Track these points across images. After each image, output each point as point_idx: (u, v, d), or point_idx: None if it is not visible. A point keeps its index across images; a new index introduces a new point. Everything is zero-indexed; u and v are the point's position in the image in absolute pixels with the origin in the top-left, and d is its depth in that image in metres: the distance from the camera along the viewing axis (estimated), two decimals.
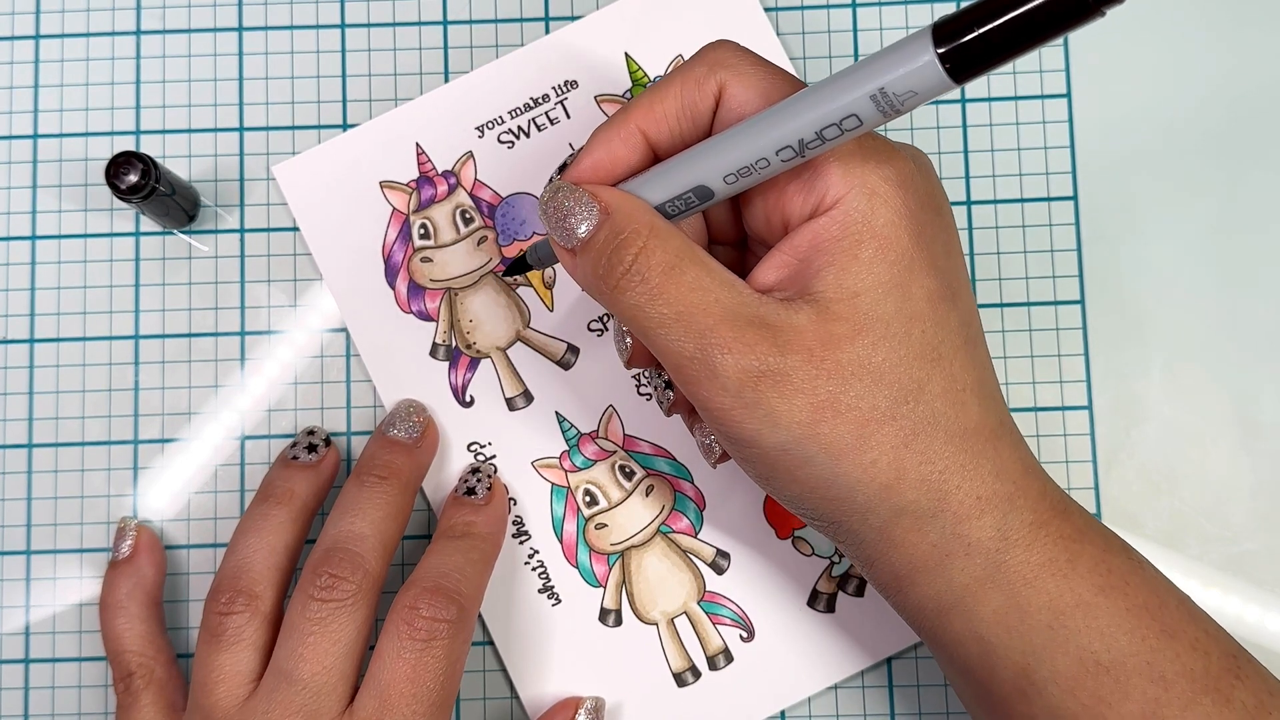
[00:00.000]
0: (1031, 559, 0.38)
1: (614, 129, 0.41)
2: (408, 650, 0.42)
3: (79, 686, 0.50)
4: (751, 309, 0.38)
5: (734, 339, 0.37)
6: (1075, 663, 0.38)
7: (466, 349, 0.50)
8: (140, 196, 0.46)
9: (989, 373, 0.40)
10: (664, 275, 0.38)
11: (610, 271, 0.39)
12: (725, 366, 0.37)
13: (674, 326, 0.38)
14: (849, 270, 0.37)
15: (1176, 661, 0.38)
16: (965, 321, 0.39)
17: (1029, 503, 0.39)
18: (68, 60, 0.52)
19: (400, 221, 0.50)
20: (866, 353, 0.37)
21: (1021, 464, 0.39)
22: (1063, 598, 0.38)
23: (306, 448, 0.48)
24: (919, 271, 0.38)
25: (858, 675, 0.49)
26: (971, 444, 0.38)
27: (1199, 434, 0.50)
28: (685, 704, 0.49)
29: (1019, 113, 0.51)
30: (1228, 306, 0.51)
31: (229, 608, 0.44)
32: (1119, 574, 0.38)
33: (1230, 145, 0.51)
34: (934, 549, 0.39)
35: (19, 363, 0.51)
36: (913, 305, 0.38)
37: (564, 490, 0.50)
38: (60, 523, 0.50)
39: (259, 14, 0.52)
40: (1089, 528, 0.39)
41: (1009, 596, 0.38)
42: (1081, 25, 0.29)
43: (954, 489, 0.38)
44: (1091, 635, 0.38)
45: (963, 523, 0.38)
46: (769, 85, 0.39)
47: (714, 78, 0.39)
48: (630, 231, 0.39)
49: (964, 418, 0.38)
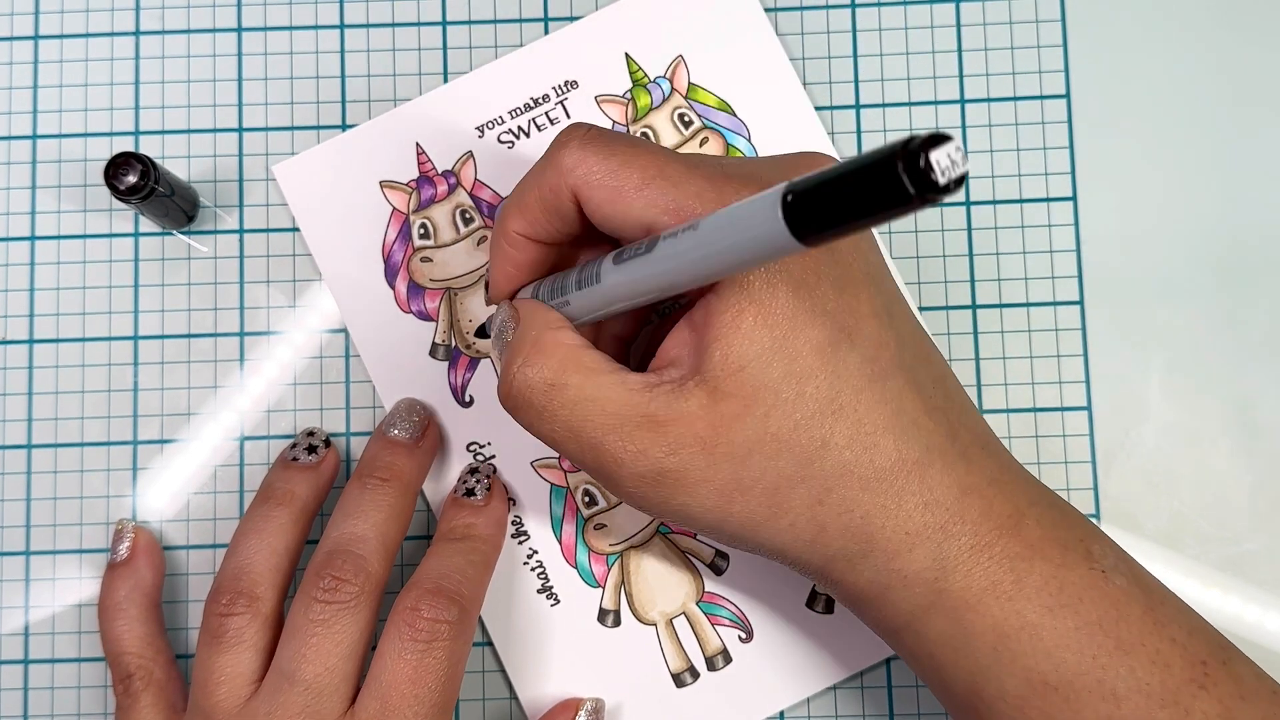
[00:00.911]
0: (973, 584, 0.38)
1: (498, 241, 0.43)
2: (409, 652, 0.42)
3: (78, 687, 0.50)
4: (640, 408, 0.38)
5: (622, 448, 0.38)
6: (1023, 683, 0.38)
7: (466, 349, 0.50)
8: (139, 197, 0.46)
9: (909, 400, 0.39)
10: (546, 396, 0.39)
11: (502, 393, 0.40)
12: (625, 477, 0.38)
13: (567, 445, 0.39)
14: (733, 344, 0.37)
15: (1130, 677, 0.37)
16: (869, 358, 0.38)
17: (967, 527, 0.38)
18: (67, 61, 0.52)
19: (400, 221, 0.50)
20: (760, 425, 0.37)
21: (958, 487, 0.39)
22: (1007, 621, 0.38)
23: (307, 449, 0.48)
24: (802, 325, 0.38)
25: (856, 676, 0.49)
26: (891, 483, 0.38)
27: (1198, 434, 0.50)
28: (683, 704, 0.49)
29: (1018, 113, 0.51)
30: (1228, 307, 0.50)
31: (230, 609, 0.44)
32: (1072, 590, 0.38)
33: (1231, 144, 0.51)
34: (871, 585, 0.39)
35: (18, 363, 0.51)
36: (801, 364, 0.38)
37: (563, 490, 0.50)
38: (59, 524, 0.50)
39: (258, 15, 0.52)
40: (1045, 541, 0.39)
41: (953, 621, 0.38)
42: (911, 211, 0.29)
43: (878, 529, 0.38)
44: (1038, 656, 0.38)
45: (895, 559, 0.38)
46: (616, 184, 0.39)
47: (564, 185, 0.40)
48: (516, 344, 0.40)
49: (878, 459, 0.38)
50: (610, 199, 0.39)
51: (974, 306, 0.51)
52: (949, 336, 0.50)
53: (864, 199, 0.29)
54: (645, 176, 0.39)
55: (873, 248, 0.41)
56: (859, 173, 0.29)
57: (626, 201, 0.39)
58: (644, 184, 0.39)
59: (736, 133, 0.51)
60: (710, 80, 0.51)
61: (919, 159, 0.28)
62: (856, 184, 0.30)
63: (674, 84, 0.51)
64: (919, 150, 0.28)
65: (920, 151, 0.28)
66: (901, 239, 0.51)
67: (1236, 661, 0.39)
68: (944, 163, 0.28)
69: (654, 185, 0.38)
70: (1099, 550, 0.39)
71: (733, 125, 0.51)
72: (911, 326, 0.41)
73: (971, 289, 0.51)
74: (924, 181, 0.28)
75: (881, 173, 0.29)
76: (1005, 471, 0.40)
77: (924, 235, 0.51)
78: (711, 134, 0.51)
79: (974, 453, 0.39)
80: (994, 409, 0.50)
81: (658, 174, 0.39)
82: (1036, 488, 0.40)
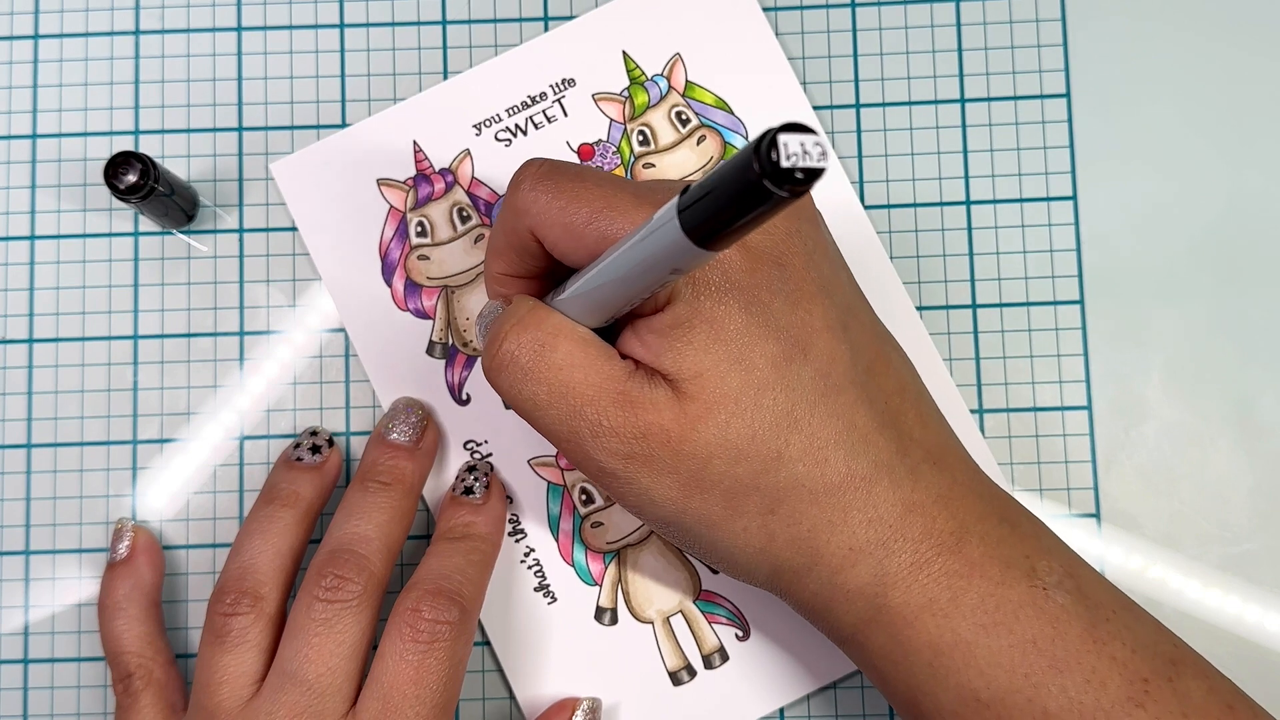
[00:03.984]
0: (911, 600, 0.39)
1: (489, 282, 0.44)
2: (410, 653, 0.42)
3: (78, 687, 0.50)
4: (619, 386, 0.39)
5: (600, 421, 0.39)
6: (956, 699, 0.39)
7: (463, 347, 0.50)
8: (139, 196, 0.46)
9: (861, 414, 0.40)
10: (534, 354, 0.40)
11: (487, 356, 0.41)
12: (596, 450, 0.39)
13: (547, 408, 0.40)
14: (686, 354, 0.38)
15: (1062, 695, 0.38)
16: (822, 372, 0.39)
17: (908, 545, 0.39)
18: (66, 60, 0.52)
19: (397, 219, 0.51)
20: (721, 431, 0.38)
21: (902, 504, 0.39)
22: (942, 637, 0.39)
23: (310, 449, 0.48)
24: (757, 340, 0.38)
25: (856, 675, 0.49)
26: (838, 498, 0.39)
27: (1198, 434, 0.50)
28: (681, 702, 0.49)
29: (1018, 113, 0.51)
30: (1228, 306, 0.50)
31: (233, 609, 0.44)
32: (1009, 608, 0.38)
33: (1231, 144, 0.51)
34: (815, 597, 0.40)
35: (18, 363, 0.51)
36: (758, 376, 0.38)
37: (560, 488, 0.50)
38: (59, 523, 0.50)
39: (258, 14, 0.52)
40: (987, 558, 0.39)
41: (891, 636, 0.39)
42: (778, 206, 0.30)
43: (824, 544, 0.39)
44: (970, 673, 0.38)
45: (838, 573, 0.39)
46: (566, 221, 0.40)
47: (524, 226, 0.41)
48: (505, 316, 0.41)
49: (827, 474, 0.39)
50: (563, 237, 0.40)
51: (974, 306, 0.51)
52: (949, 336, 0.50)
53: (738, 197, 0.30)
54: (593, 210, 0.39)
55: (826, 259, 0.41)
56: (728, 174, 0.30)
57: (578, 237, 0.40)
58: (592, 218, 0.39)
59: (734, 131, 0.51)
60: (708, 78, 0.51)
61: (770, 150, 0.28)
62: (730, 184, 0.30)
63: (672, 82, 0.51)
64: (770, 140, 0.28)
65: (770, 142, 0.28)
66: (901, 239, 0.51)
67: (1186, 678, 0.39)
68: (794, 148, 0.28)
69: (602, 217, 0.39)
70: (1045, 567, 0.40)
71: (730, 123, 0.51)
72: (869, 338, 0.41)
73: (971, 289, 0.51)
74: (778, 172, 0.28)
75: (744, 169, 0.29)
76: (955, 488, 0.40)
77: (924, 235, 0.51)
78: (709, 132, 0.51)
79: (923, 469, 0.40)
80: (994, 409, 0.50)
81: (605, 206, 0.39)
82: (990, 503, 0.41)
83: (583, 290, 0.39)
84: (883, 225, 0.51)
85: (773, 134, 0.28)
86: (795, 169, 0.28)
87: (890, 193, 0.51)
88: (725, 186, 0.30)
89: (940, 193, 0.51)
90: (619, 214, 0.39)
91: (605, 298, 0.39)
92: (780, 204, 0.29)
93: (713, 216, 0.31)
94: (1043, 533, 0.41)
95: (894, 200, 0.51)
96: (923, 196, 0.51)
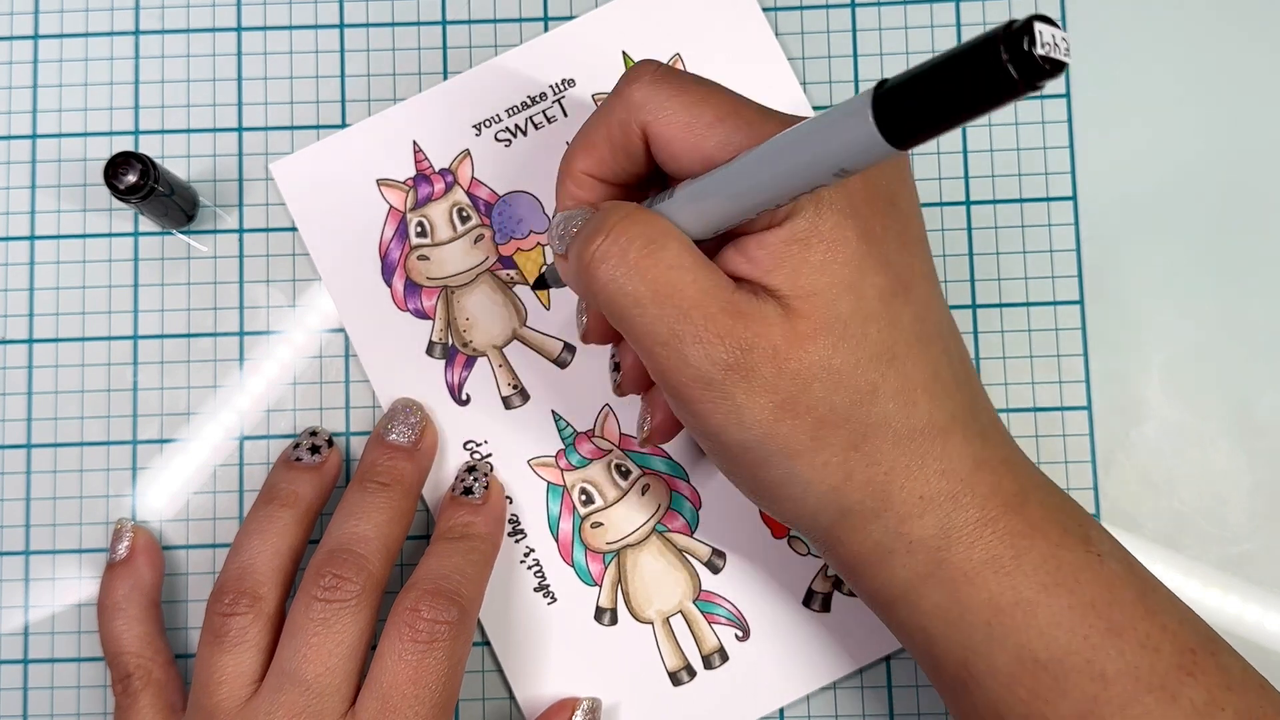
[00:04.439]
0: (974, 556, 0.38)
1: (563, 181, 0.42)
2: (409, 653, 0.42)
3: (78, 687, 0.50)
4: (726, 295, 0.37)
5: (706, 326, 0.37)
6: (1013, 660, 0.38)
7: (463, 347, 0.50)
8: (139, 197, 0.46)
9: (944, 367, 0.39)
10: (643, 251, 0.37)
11: (587, 246, 0.38)
12: (696, 356, 0.37)
13: (649, 306, 0.37)
14: (801, 272, 0.37)
15: (1120, 659, 0.37)
16: (919, 316, 0.39)
17: (976, 500, 0.39)
18: (66, 60, 0.52)
19: (397, 219, 0.51)
20: (826, 354, 0.37)
21: (973, 459, 0.39)
22: (1003, 595, 0.38)
23: (310, 449, 0.48)
24: (870, 270, 0.38)
25: (856, 675, 0.49)
26: (918, 444, 0.39)
27: (1198, 434, 0.50)
28: (680, 703, 0.49)
29: (1019, 113, 0.51)
30: (1227, 306, 0.50)
31: (232, 609, 0.44)
32: (1069, 570, 0.38)
33: (1230, 144, 0.51)
34: (877, 546, 0.39)
35: (17, 363, 0.51)
36: (867, 305, 0.38)
37: (560, 489, 0.50)
38: (59, 523, 0.50)
39: (258, 14, 0.52)
40: (1047, 521, 0.39)
41: (949, 593, 0.39)
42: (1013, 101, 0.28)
43: (897, 489, 0.39)
44: (1030, 633, 0.38)
45: (905, 522, 0.39)
46: (689, 120, 0.38)
47: (634, 121, 0.39)
48: (609, 209, 0.39)
49: (913, 417, 0.38)
50: (682, 135, 0.38)
51: (974, 306, 0.51)
52: None
53: (963, 88, 0.28)
54: (720, 114, 0.38)
55: (921, 213, 0.41)
56: (956, 60, 0.28)
57: (699, 138, 0.38)
58: (718, 120, 0.38)
59: None
60: (708, 78, 0.51)
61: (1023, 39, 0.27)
62: (954, 73, 0.28)
63: None
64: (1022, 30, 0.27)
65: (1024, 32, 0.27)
66: None
67: (1224, 654, 0.39)
68: (1047, 38, 0.27)
69: (729, 123, 0.38)
70: (1096, 536, 0.40)
71: None
72: (944, 300, 0.41)
73: (971, 289, 0.51)
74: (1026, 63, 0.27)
75: (982, 56, 0.27)
76: (1015, 453, 0.40)
77: None
78: None
79: (990, 430, 0.40)
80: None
81: (732, 112, 0.38)
82: (1040, 474, 0.41)
83: (707, 192, 0.38)
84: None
85: (1027, 21, 0.27)
86: (1046, 57, 0.27)
87: None
88: (950, 75, 0.28)
89: (940, 193, 0.51)
90: (746, 123, 0.38)
91: (731, 203, 0.37)
92: (1013, 96, 0.28)
93: (924, 110, 0.29)
94: (1084, 509, 0.41)
95: None
96: (923, 197, 0.51)
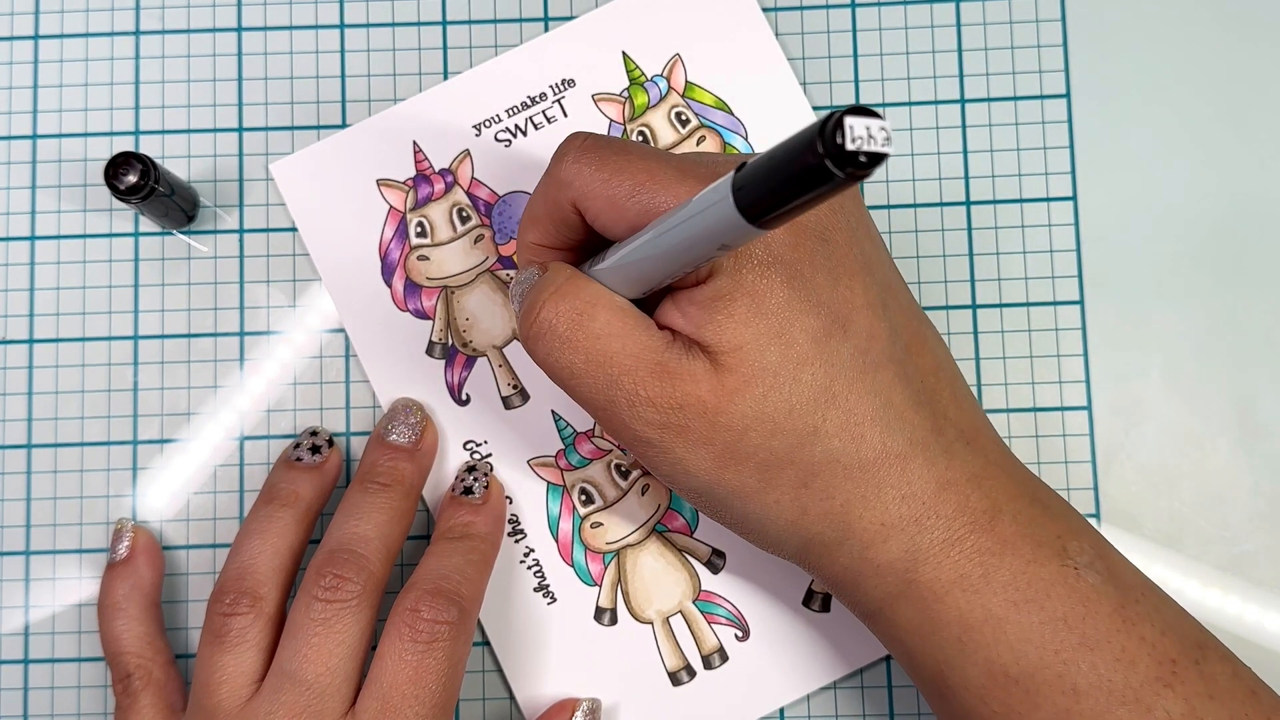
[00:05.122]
0: (941, 576, 0.39)
1: (521, 252, 0.44)
2: (409, 653, 0.42)
3: (78, 687, 0.50)
4: (656, 356, 0.39)
5: (636, 391, 0.39)
6: (984, 673, 0.39)
7: (463, 347, 0.50)
8: (139, 197, 0.46)
9: (898, 392, 0.40)
10: (572, 323, 0.40)
11: (525, 321, 0.41)
12: (631, 419, 0.39)
13: (584, 376, 0.40)
14: (726, 327, 0.38)
15: (1092, 673, 0.38)
16: (861, 349, 0.39)
17: (940, 521, 0.39)
18: (67, 61, 0.52)
19: (397, 219, 0.51)
20: (758, 404, 0.38)
21: (936, 482, 0.39)
22: (972, 613, 0.39)
23: (310, 449, 0.48)
24: (798, 314, 0.38)
25: (856, 675, 0.49)
26: (872, 474, 0.39)
27: (1198, 434, 0.50)
28: (680, 703, 0.49)
29: (1019, 113, 0.51)
30: (1227, 306, 0.50)
31: (233, 609, 0.44)
32: (1040, 585, 0.39)
33: (1230, 144, 0.51)
34: (846, 571, 0.40)
35: (18, 363, 0.51)
36: (797, 350, 0.38)
37: (560, 489, 0.50)
38: (59, 523, 0.50)
39: (258, 14, 0.52)
40: (1019, 537, 0.39)
41: (920, 610, 0.39)
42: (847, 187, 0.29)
43: (856, 519, 0.39)
44: (1000, 648, 0.38)
45: (869, 548, 0.40)
46: (609, 194, 0.40)
47: (563, 199, 0.41)
48: (545, 280, 0.41)
49: (863, 450, 0.39)
50: (605, 209, 0.40)
51: (974, 306, 0.51)
52: (949, 336, 0.50)
53: (797, 178, 0.30)
54: (636, 183, 0.39)
55: (868, 237, 0.41)
56: (789, 152, 0.30)
57: (620, 210, 0.40)
58: (635, 191, 0.39)
59: (734, 131, 0.51)
60: (708, 79, 0.51)
61: (836, 131, 0.28)
62: (789, 164, 0.30)
63: (671, 83, 0.51)
64: (835, 122, 0.28)
65: (836, 124, 0.28)
66: (901, 239, 0.51)
67: (1212, 661, 0.39)
68: (859, 131, 0.28)
69: (645, 191, 0.39)
70: (1075, 548, 0.40)
71: (730, 124, 0.51)
72: (905, 316, 0.41)
73: (971, 289, 0.51)
74: (841, 154, 0.28)
75: (805, 149, 0.29)
76: (989, 467, 0.41)
77: (924, 235, 0.51)
78: (709, 133, 0.51)
79: (957, 448, 0.40)
80: (994, 409, 0.50)
81: (648, 180, 0.39)
82: (1021, 484, 0.41)
83: (624, 261, 0.39)
84: (883, 225, 0.51)
85: (839, 116, 0.28)
86: (860, 152, 0.28)
87: (890, 193, 0.51)
88: (784, 166, 0.30)
89: (940, 193, 0.51)
90: (662, 188, 0.39)
91: (647, 270, 0.39)
92: (840, 186, 0.29)
93: (769, 196, 0.31)
94: (1071, 514, 0.41)
95: (894, 200, 0.51)
96: (923, 197, 0.51)
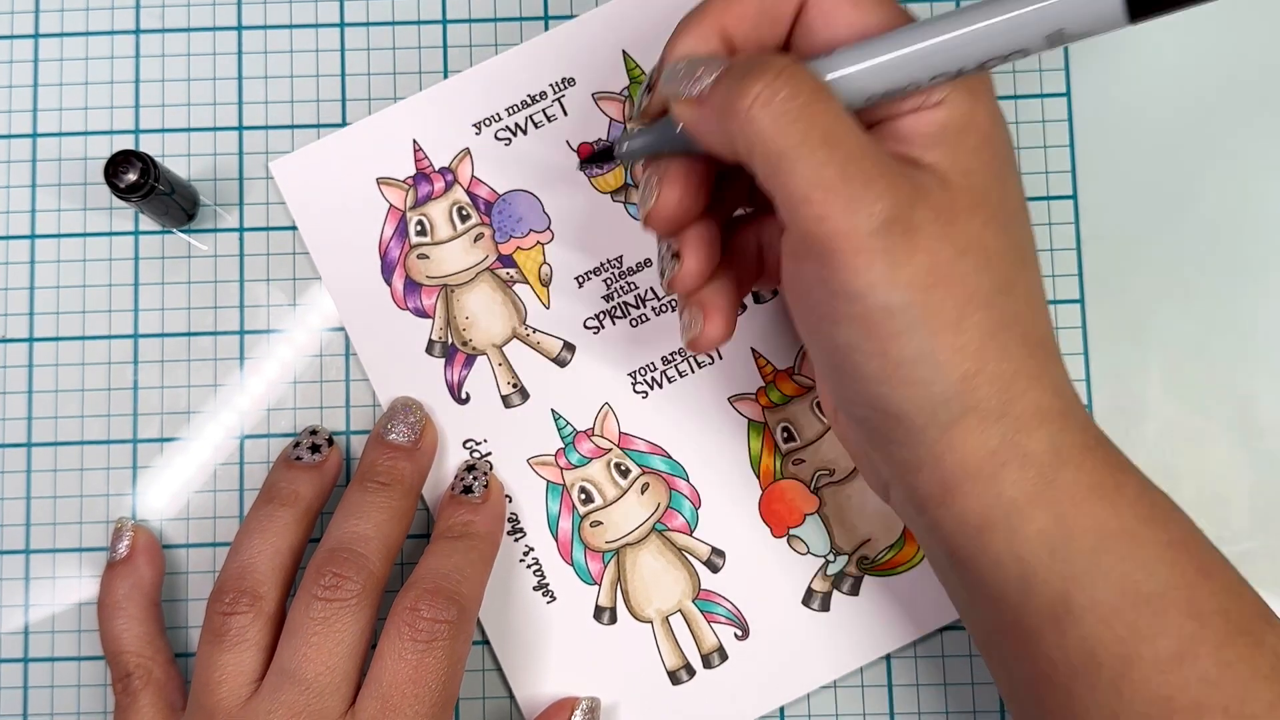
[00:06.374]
0: (1081, 479, 0.37)
1: (693, 26, 0.39)
2: (409, 652, 0.42)
3: (78, 686, 0.50)
4: (888, 155, 0.37)
5: (879, 174, 0.35)
6: (1117, 591, 0.37)
7: (462, 346, 0.50)
8: (139, 195, 0.46)
9: (1043, 295, 0.40)
10: (812, 97, 0.35)
11: (745, 86, 0.36)
12: (865, 201, 0.35)
13: (818, 149, 0.35)
14: (959, 152, 0.37)
15: (1213, 599, 0.37)
16: (1032, 240, 0.39)
17: (1079, 424, 0.38)
18: (67, 59, 0.52)
19: (397, 218, 0.51)
20: (980, 230, 0.37)
21: (1072, 388, 0.39)
22: (1109, 523, 0.37)
23: (310, 448, 0.48)
24: (1012, 171, 0.38)
25: (856, 674, 0.49)
26: (1040, 353, 0.38)
27: (1198, 434, 0.50)
28: (680, 702, 0.49)
29: (1019, 112, 0.51)
30: (1228, 306, 0.50)
31: (233, 608, 0.44)
32: (1161, 508, 0.38)
33: (1231, 143, 0.51)
34: (991, 456, 0.37)
35: (18, 362, 0.51)
36: (1011, 200, 0.38)
37: (559, 488, 0.50)
38: (59, 522, 0.50)
39: (258, 13, 0.52)
40: (1128, 461, 0.39)
41: (1055, 517, 0.37)
42: None
43: (1020, 393, 0.37)
44: (1135, 564, 0.37)
45: (1022, 431, 0.37)
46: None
47: None
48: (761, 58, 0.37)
49: (1038, 325, 0.38)
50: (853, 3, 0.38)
51: None
52: None
53: None
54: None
55: None
56: None
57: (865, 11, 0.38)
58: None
59: None
60: None
61: None
62: None
63: None
64: None
65: None
66: None
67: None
68: None
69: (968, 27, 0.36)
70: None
71: None
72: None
73: None
74: None
75: None
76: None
77: None
78: None
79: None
80: None
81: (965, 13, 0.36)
82: None
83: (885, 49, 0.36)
84: None
85: None
86: None
87: None
88: None
89: None
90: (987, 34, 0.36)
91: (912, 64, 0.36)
92: None
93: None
94: None
95: None
96: None
